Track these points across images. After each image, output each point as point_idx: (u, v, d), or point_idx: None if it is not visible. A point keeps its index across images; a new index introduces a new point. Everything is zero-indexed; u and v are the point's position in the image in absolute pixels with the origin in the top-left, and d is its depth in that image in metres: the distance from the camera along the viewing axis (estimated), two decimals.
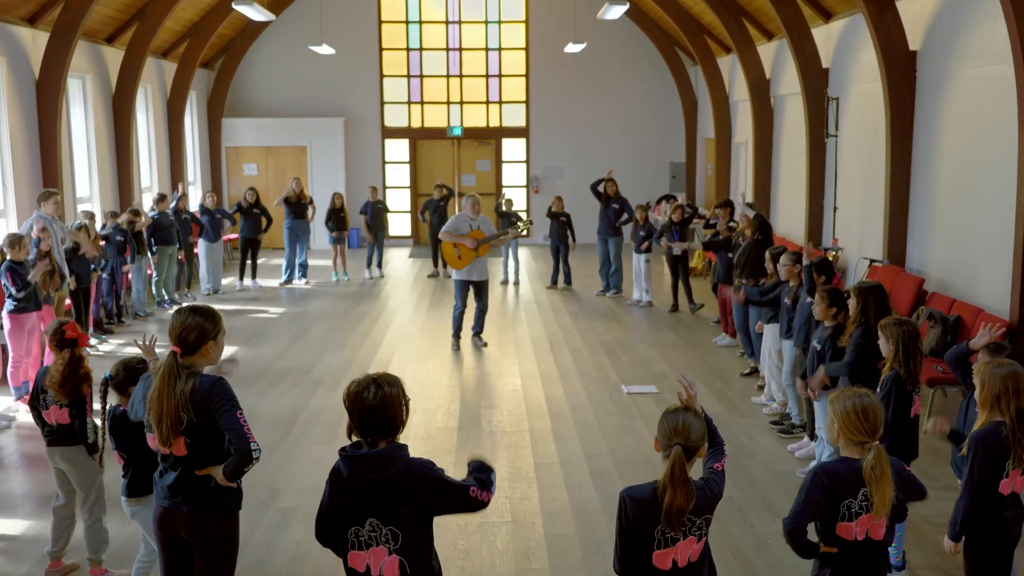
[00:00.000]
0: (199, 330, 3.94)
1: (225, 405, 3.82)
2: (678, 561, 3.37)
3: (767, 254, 8.76)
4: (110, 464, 5.35)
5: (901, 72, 10.66)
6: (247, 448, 3.78)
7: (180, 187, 15.36)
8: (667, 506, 3.28)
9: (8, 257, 8.89)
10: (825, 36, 13.41)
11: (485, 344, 11.35)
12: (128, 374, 4.83)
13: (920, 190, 10.75)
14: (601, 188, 14.70)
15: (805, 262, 7.35)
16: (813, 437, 7.41)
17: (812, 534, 3.82)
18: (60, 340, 5.38)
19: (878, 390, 5.37)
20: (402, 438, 3.47)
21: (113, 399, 4.95)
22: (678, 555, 3.36)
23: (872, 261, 11.21)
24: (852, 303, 6.20)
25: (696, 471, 3.47)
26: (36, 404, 5.47)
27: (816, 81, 13.20)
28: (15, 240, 8.91)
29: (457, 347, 11.24)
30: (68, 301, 11.05)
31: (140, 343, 4.82)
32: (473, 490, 3.46)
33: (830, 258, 11.24)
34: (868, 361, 5.98)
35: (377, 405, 3.33)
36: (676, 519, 3.29)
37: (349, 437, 3.47)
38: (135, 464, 4.79)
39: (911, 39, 10.64)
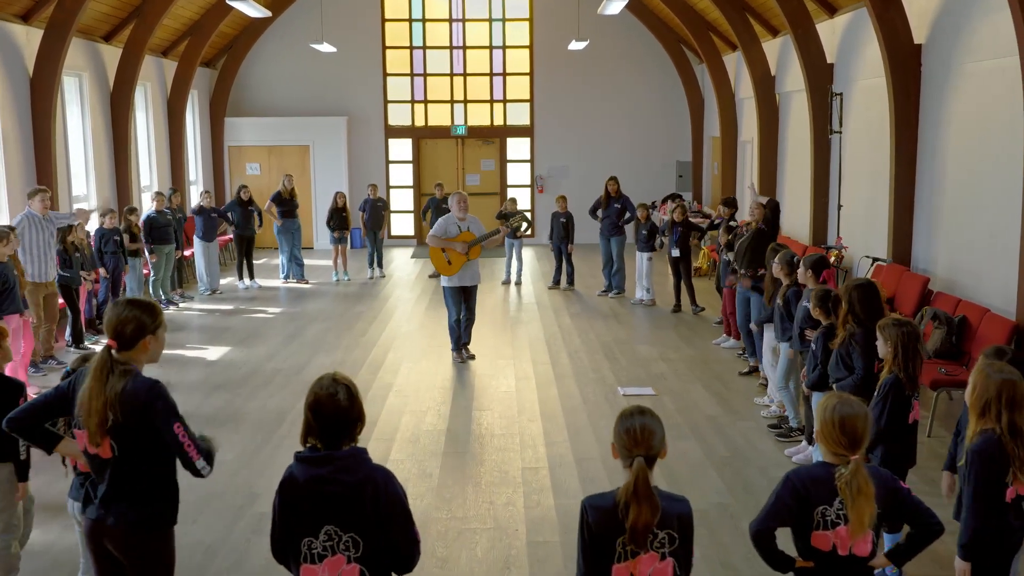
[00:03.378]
0: (136, 323, 3.67)
1: (165, 417, 3.60)
2: None
3: (768, 250, 8.47)
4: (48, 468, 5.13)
5: (906, 66, 10.40)
6: (194, 469, 3.65)
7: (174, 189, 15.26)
8: (632, 522, 3.08)
9: None
10: (830, 31, 13.16)
11: (472, 357, 10.51)
12: None
13: (925, 187, 10.49)
14: (599, 213, 14.48)
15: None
16: (812, 441, 7.18)
17: (790, 548, 3.60)
18: None
19: (875, 394, 5.13)
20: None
21: None
22: (637, 571, 3.15)
23: (875, 260, 10.95)
24: (843, 303, 5.96)
25: (656, 477, 3.26)
26: None
27: (820, 77, 12.95)
28: (2, 235, 8.73)
29: (461, 359, 10.44)
30: (61, 300, 10.94)
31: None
32: (419, 540, 3.36)
33: (831, 257, 11.00)
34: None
35: (348, 407, 3.25)
36: (641, 535, 3.10)
37: (304, 443, 3.31)
38: None
39: (916, 32, 10.39)
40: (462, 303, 10.39)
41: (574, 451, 7.59)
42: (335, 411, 3.23)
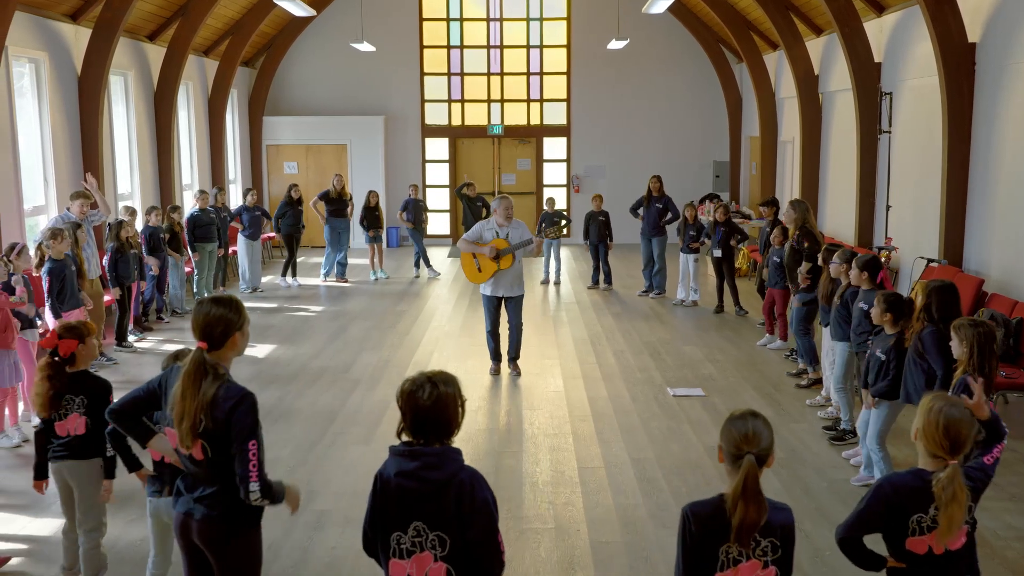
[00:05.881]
0: (225, 322, 3.68)
1: (244, 431, 3.58)
2: None
3: (824, 250, 8.45)
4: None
5: (959, 65, 10.27)
6: (246, 489, 3.59)
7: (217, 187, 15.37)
8: (738, 521, 3.04)
9: (49, 255, 8.82)
10: (877, 30, 13.02)
11: (518, 374, 9.80)
12: None
13: (979, 186, 10.35)
14: (640, 211, 14.36)
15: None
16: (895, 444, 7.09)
17: (879, 546, 3.55)
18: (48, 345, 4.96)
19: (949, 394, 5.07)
20: None
21: None
22: None
23: (929, 261, 10.82)
24: (919, 300, 5.90)
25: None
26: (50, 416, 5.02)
27: (868, 76, 12.82)
28: (56, 232, 8.83)
29: (496, 371, 9.89)
30: (108, 298, 11.03)
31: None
32: (502, 550, 3.30)
33: (882, 257, 10.90)
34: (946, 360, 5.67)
35: (432, 405, 3.23)
36: (746, 535, 3.05)
37: (399, 437, 3.32)
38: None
39: (970, 31, 10.25)
40: (498, 314, 9.76)
41: (629, 451, 7.54)
42: (415, 407, 3.23)
